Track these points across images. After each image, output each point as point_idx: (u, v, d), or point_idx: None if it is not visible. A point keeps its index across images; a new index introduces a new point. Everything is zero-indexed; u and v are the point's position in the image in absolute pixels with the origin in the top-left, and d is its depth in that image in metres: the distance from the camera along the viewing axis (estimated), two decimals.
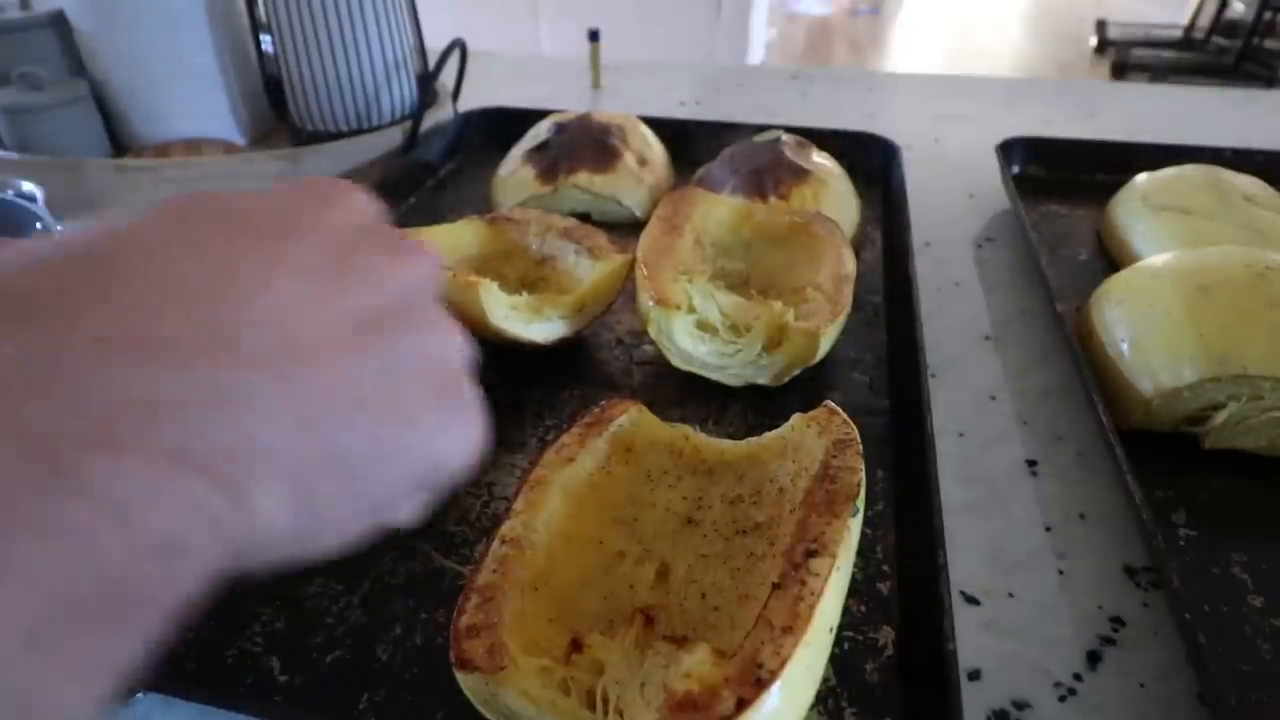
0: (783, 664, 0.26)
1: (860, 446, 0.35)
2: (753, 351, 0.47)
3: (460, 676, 0.29)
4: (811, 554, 0.30)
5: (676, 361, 0.48)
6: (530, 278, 0.56)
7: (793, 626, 0.27)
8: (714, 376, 0.48)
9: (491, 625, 0.29)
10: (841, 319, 0.48)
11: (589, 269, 0.52)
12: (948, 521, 0.42)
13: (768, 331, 0.47)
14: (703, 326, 0.48)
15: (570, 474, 0.37)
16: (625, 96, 1.03)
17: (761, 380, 0.48)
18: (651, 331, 0.47)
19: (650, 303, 0.47)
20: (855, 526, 0.32)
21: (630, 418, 0.40)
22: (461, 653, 0.28)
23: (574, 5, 2.42)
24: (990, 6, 4.94)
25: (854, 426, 0.36)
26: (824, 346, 0.47)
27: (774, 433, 0.39)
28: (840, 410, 0.37)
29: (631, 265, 0.51)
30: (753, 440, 0.39)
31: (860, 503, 0.33)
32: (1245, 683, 0.34)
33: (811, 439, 0.36)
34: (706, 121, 0.81)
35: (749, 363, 0.47)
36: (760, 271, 0.55)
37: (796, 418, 0.38)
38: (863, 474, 0.34)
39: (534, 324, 0.49)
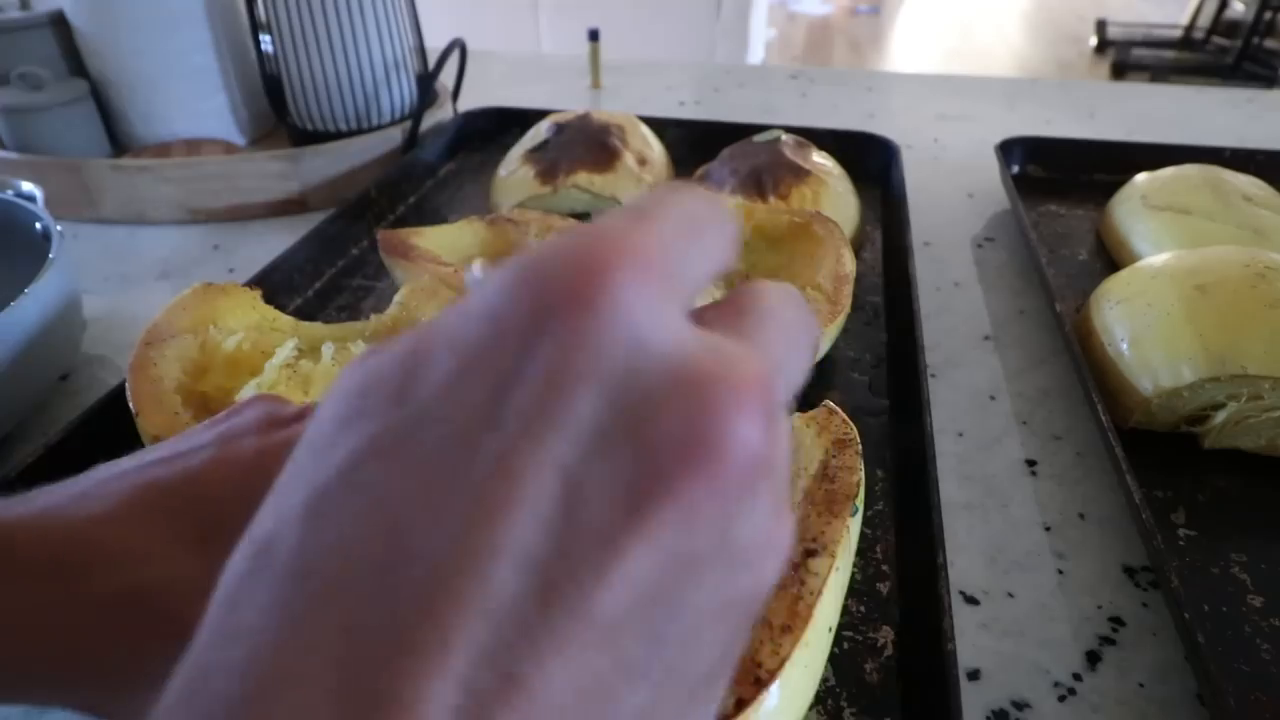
0: (781, 663, 0.26)
1: (859, 446, 0.35)
2: None
3: None
4: (810, 553, 0.30)
5: None
6: None
7: (791, 626, 0.27)
8: None
9: None
10: (841, 319, 0.48)
11: None
12: (947, 521, 0.42)
13: None
14: None
15: None
16: (625, 96, 1.03)
17: None
18: None
19: None
20: (855, 526, 0.32)
21: None
22: None
23: (574, 5, 2.42)
24: (990, 6, 4.94)
25: (853, 426, 0.36)
26: (823, 346, 0.47)
27: None
28: (840, 410, 0.37)
29: None
30: None
31: (859, 502, 0.33)
32: (1245, 682, 0.34)
33: (810, 439, 0.36)
34: (706, 121, 0.81)
35: None
36: (760, 271, 0.55)
37: (796, 417, 0.38)
38: (862, 474, 0.34)
39: None
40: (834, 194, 0.64)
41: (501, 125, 0.82)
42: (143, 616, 0.20)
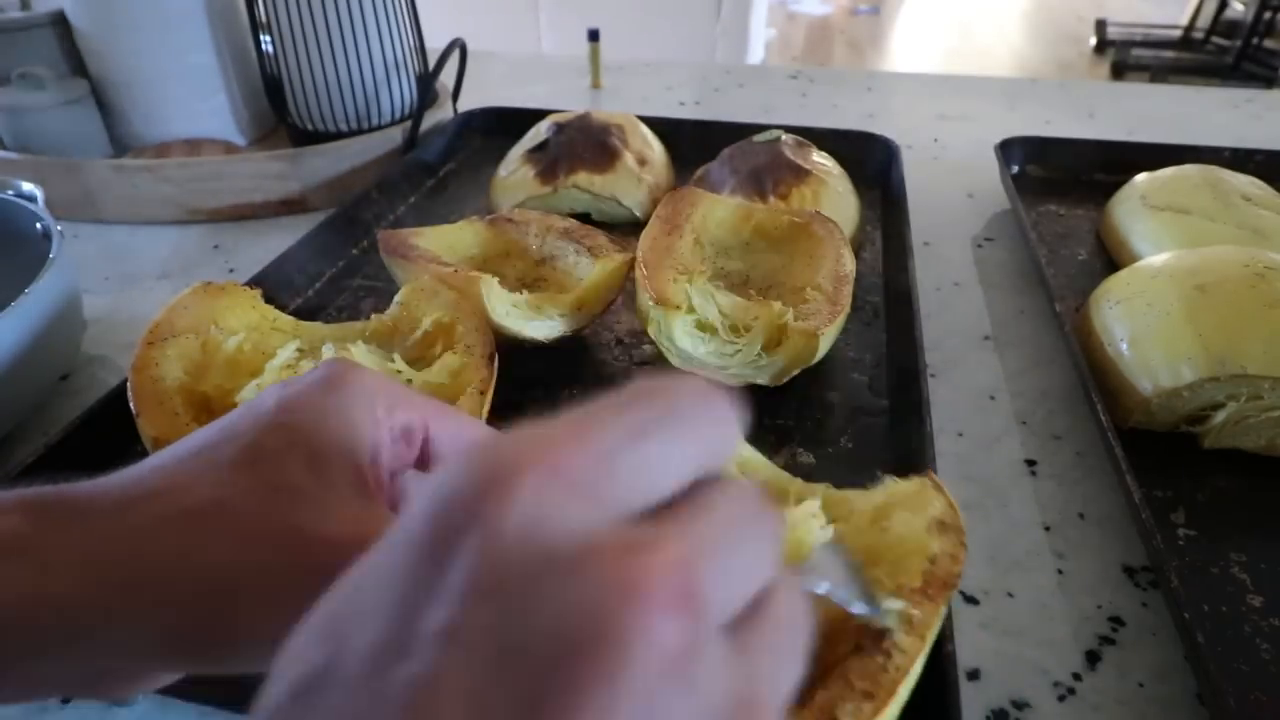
0: None
1: (964, 534, 0.32)
2: (752, 352, 0.47)
3: None
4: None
5: (676, 361, 0.48)
6: (530, 278, 0.56)
7: (874, 694, 0.26)
8: (713, 377, 0.48)
9: None
10: (841, 319, 0.48)
11: (589, 268, 0.52)
12: None
13: (767, 332, 0.47)
14: (702, 326, 0.48)
15: None
16: (625, 96, 1.03)
17: (761, 380, 0.48)
18: (651, 331, 0.47)
19: (650, 303, 0.47)
20: (939, 618, 0.29)
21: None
22: None
23: (574, 5, 2.42)
24: (990, 6, 4.94)
25: (957, 511, 0.32)
26: (823, 347, 0.47)
27: (854, 491, 0.35)
28: (944, 488, 0.33)
29: (631, 265, 0.51)
30: (824, 488, 0.36)
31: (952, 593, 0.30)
32: (1244, 682, 0.34)
33: (910, 498, 0.33)
34: (706, 121, 0.81)
35: (748, 363, 0.47)
36: (760, 272, 0.55)
37: (894, 481, 0.34)
38: (963, 565, 0.31)
39: (534, 321, 0.49)
40: (834, 194, 0.64)
41: (501, 125, 0.82)
42: (200, 532, 0.21)
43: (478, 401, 0.41)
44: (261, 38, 0.78)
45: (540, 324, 0.49)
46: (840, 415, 0.48)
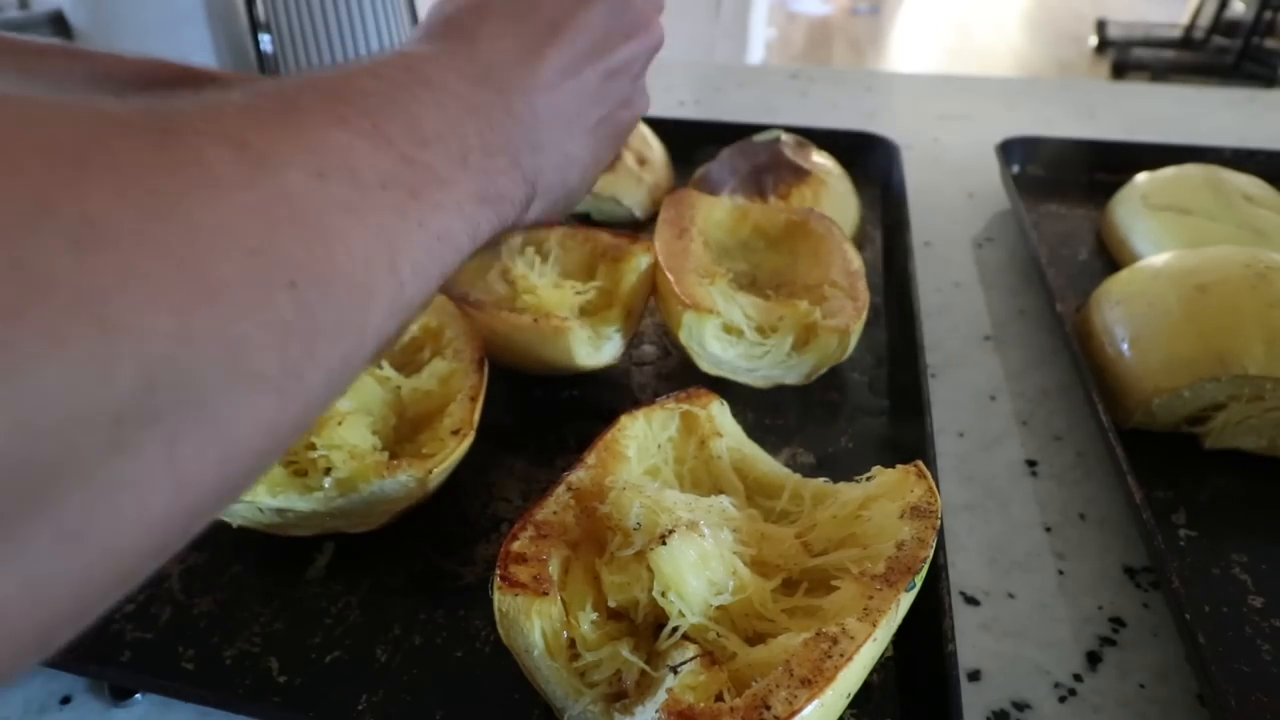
0: (791, 715, 0.25)
1: (939, 522, 0.32)
2: (781, 352, 0.46)
3: (499, 597, 0.29)
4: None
5: (705, 366, 0.47)
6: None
7: (813, 681, 0.26)
8: (743, 379, 0.47)
9: (541, 559, 0.31)
10: (865, 314, 0.47)
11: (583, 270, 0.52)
12: (948, 521, 0.42)
13: (795, 331, 0.46)
14: (728, 329, 0.47)
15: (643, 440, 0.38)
16: None
17: (790, 381, 0.47)
18: (682, 337, 0.46)
19: (681, 308, 0.45)
20: (906, 601, 0.30)
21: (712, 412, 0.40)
22: (509, 573, 0.30)
23: None
24: (990, 6, 4.94)
25: (939, 498, 0.33)
26: (852, 343, 0.46)
27: (846, 483, 0.36)
28: (929, 475, 0.34)
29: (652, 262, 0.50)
30: (820, 482, 0.37)
31: (919, 579, 0.30)
32: (1245, 683, 0.34)
33: (890, 488, 0.34)
34: (706, 121, 0.81)
35: (778, 364, 0.47)
36: (764, 271, 0.54)
37: (881, 470, 0.35)
38: (931, 551, 0.31)
39: (600, 349, 0.47)
40: (834, 194, 0.64)
41: None
42: None
43: (469, 408, 0.40)
44: (261, 38, 0.77)
45: (607, 348, 0.47)
46: (840, 415, 0.48)
